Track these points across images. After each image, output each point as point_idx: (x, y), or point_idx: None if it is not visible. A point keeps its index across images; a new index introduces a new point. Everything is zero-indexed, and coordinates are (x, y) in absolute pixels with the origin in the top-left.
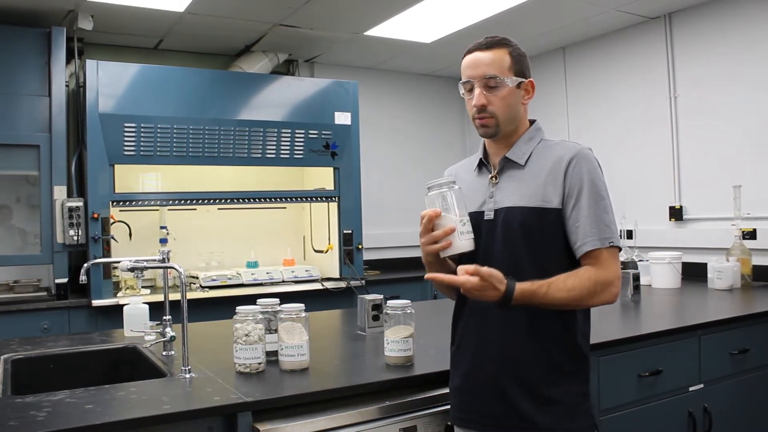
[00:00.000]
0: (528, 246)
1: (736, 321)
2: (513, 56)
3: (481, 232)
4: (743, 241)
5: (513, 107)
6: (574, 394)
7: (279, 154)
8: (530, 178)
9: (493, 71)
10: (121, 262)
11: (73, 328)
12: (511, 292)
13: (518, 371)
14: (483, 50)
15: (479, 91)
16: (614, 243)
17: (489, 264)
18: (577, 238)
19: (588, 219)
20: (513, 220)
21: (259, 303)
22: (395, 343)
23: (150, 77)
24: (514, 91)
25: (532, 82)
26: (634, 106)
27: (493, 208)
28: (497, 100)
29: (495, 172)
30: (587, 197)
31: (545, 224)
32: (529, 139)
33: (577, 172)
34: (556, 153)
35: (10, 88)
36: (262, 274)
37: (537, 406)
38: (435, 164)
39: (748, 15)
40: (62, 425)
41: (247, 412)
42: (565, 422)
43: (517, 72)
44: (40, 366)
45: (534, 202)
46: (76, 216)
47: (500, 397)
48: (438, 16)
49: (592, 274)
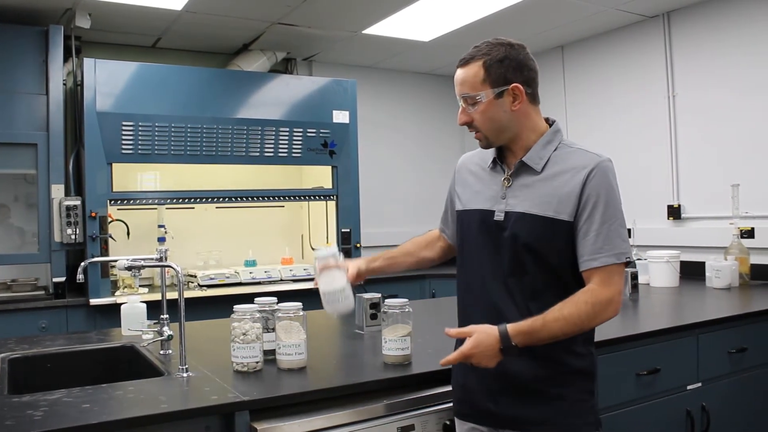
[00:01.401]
0: (534, 254)
1: (734, 320)
2: (487, 67)
3: (487, 231)
4: (741, 240)
5: (496, 119)
6: (579, 391)
7: (277, 152)
8: (545, 186)
9: (466, 89)
10: (118, 260)
11: (70, 326)
12: (504, 331)
13: (522, 368)
14: (461, 67)
15: (461, 109)
16: (629, 258)
17: (495, 265)
18: (584, 252)
19: (599, 234)
20: (523, 226)
21: (257, 302)
22: (393, 341)
23: (148, 76)
24: (492, 103)
25: (519, 86)
26: (633, 104)
27: (504, 210)
28: (477, 115)
29: (509, 174)
30: (601, 212)
31: (554, 235)
32: (547, 143)
33: (594, 185)
34: (574, 162)
35: (7, 87)
36: (260, 273)
37: (542, 403)
38: (433, 162)
39: (746, 14)
40: (59, 424)
41: (245, 411)
42: (570, 419)
43: (494, 82)
44: (38, 365)
45: (546, 212)
46: (74, 215)
47: (503, 394)
48: (436, 14)
49: (588, 297)
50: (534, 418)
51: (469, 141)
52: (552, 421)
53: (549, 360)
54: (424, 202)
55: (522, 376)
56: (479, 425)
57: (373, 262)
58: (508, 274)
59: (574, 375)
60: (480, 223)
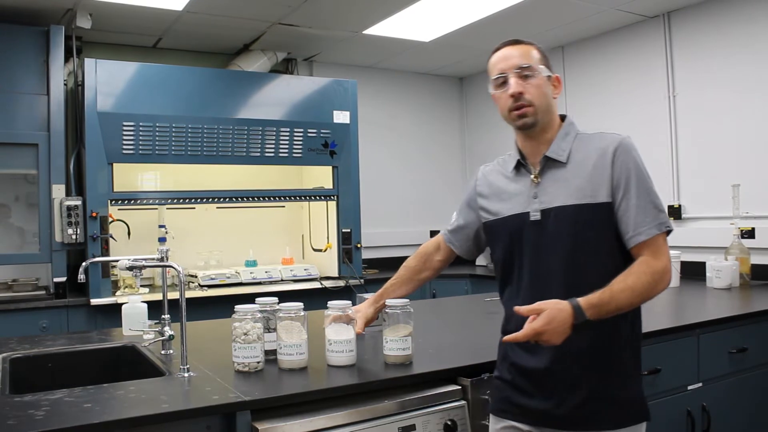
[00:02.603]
0: (581, 244)
1: (735, 320)
2: (540, 51)
3: (527, 234)
4: (742, 240)
5: (547, 96)
6: (629, 387)
7: (278, 152)
8: (575, 175)
9: (526, 61)
10: (119, 260)
11: (71, 326)
12: (578, 305)
13: (573, 365)
14: (512, 45)
15: (514, 80)
16: (669, 227)
17: (542, 264)
18: (629, 229)
19: (638, 208)
20: (564, 219)
21: (258, 302)
22: (394, 342)
23: (148, 76)
24: (546, 81)
25: (559, 78)
26: (633, 104)
27: (539, 208)
28: (532, 88)
29: (536, 172)
30: (635, 186)
31: (597, 220)
32: (566, 135)
33: (623, 161)
34: (597, 145)
35: (8, 87)
36: (260, 273)
37: (593, 400)
38: (433, 162)
39: (746, 14)
40: (61, 424)
41: (246, 411)
42: (618, 415)
43: (546, 65)
44: (39, 365)
45: (583, 199)
46: (75, 215)
47: (555, 392)
48: (437, 14)
49: (645, 267)
50: (587, 417)
51: (469, 140)
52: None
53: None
54: (424, 202)
55: (576, 374)
56: (520, 423)
57: (376, 303)
58: (557, 269)
59: (626, 372)
60: (517, 228)
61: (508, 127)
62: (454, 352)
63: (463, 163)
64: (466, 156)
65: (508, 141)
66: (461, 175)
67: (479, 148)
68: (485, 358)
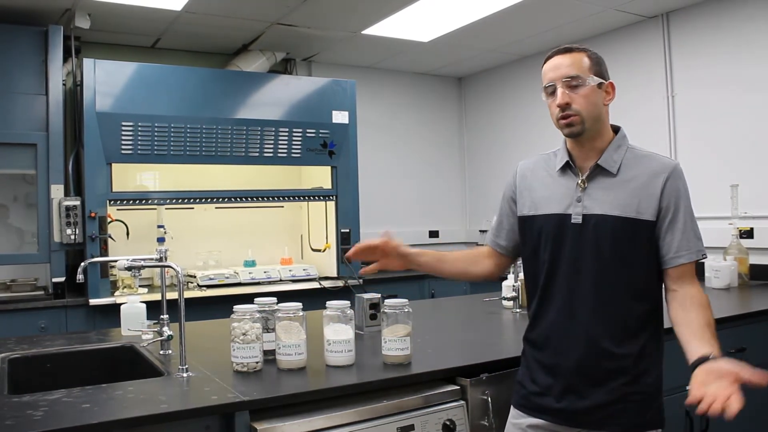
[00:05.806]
0: (617, 254)
1: (734, 320)
2: (591, 58)
3: (564, 234)
4: (740, 240)
5: (596, 106)
6: (647, 389)
7: (276, 153)
8: (622, 189)
9: (574, 71)
10: (118, 261)
11: (70, 326)
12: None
13: (601, 364)
14: (562, 54)
15: (562, 91)
16: (705, 256)
17: (575, 267)
18: (671, 250)
19: (684, 234)
20: (605, 227)
21: (257, 302)
22: (393, 342)
23: (147, 76)
24: (595, 90)
25: (612, 84)
26: (632, 104)
27: (582, 212)
28: (579, 98)
29: (584, 177)
30: (683, 212)
31: (637, 236)
32: (618, 147)
33: (674, 188)
34: (650, 167)
35: (7, 87)
36: (259, 273)
37: (612, 402)
38: (433, 162)
39: (745, 14)
40: (59, 424)
41: (245, 411)
42: (636, 419)
43: (596, 73)
44: (37, 365)
45: (628, 213)
46: (74, 215)
47: (581, 395)
48: (435, 14)
49: (697, 300)
50: (605, 420)
51: (468, 141)
52: (620, 423)
53: (625, 358)
54: (423, 203)
55: (599, 373)
56: (541, 420)
57: (419, 257)
58: (589, 273)
59: (645, 374)
60: (556, 227)
61: (508, 127)
62: (453, 352)
63: (462, 163)
64: (465, 156)
65: (508, 141)
66: (460, 175)
67: (478, 148)
68: (484, 359)
